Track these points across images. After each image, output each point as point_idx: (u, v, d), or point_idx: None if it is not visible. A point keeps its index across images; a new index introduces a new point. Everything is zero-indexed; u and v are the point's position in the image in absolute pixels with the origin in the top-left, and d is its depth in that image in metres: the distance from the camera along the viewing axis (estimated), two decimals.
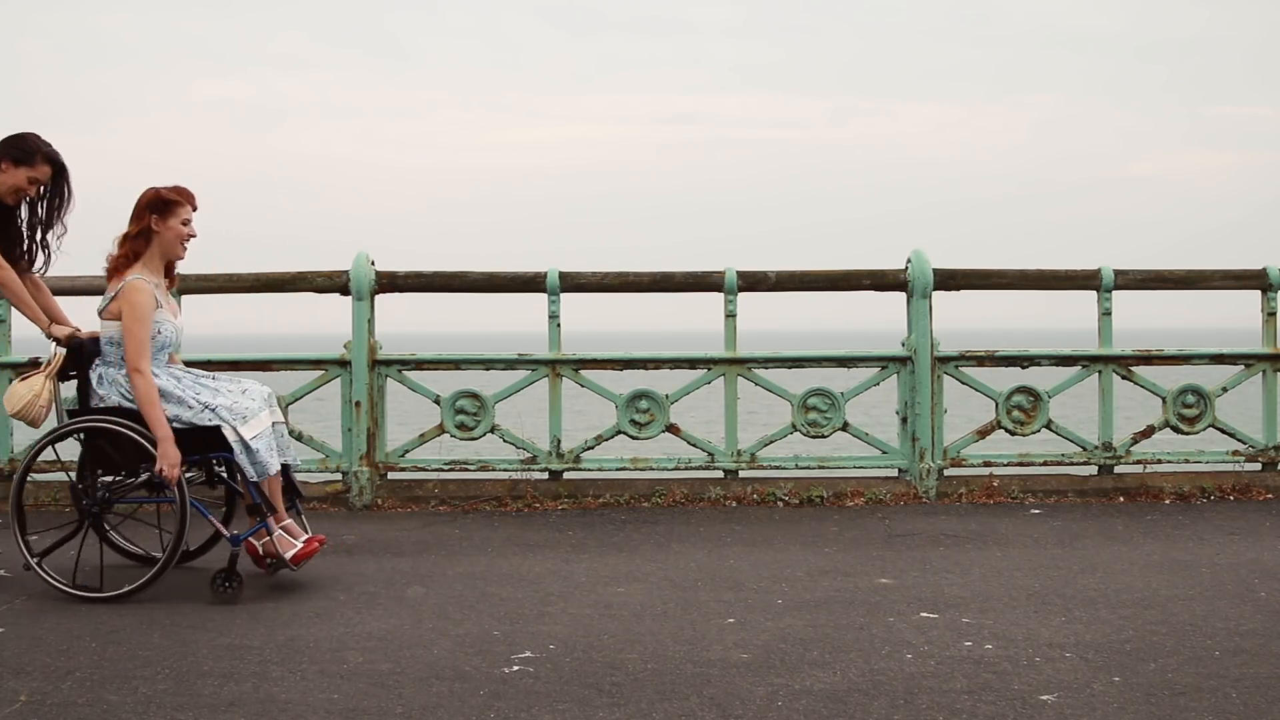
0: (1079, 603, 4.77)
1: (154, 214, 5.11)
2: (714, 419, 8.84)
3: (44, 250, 5.19)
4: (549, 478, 7.39)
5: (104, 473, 5.10)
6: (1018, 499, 7.22)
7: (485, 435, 7.33)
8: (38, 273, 5.26)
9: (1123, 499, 7.24)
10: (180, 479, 4.89)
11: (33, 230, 5.17)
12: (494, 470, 7.39)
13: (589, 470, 7.36)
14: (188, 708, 3.62)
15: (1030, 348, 7.58)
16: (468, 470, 7.38)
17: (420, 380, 7.38)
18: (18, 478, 5.14)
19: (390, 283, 7.39)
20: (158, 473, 4.86)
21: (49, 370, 5.09)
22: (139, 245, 5.10)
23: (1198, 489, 7.27)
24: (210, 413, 4.97)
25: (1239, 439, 7.46)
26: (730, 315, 7.36)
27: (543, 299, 7.41)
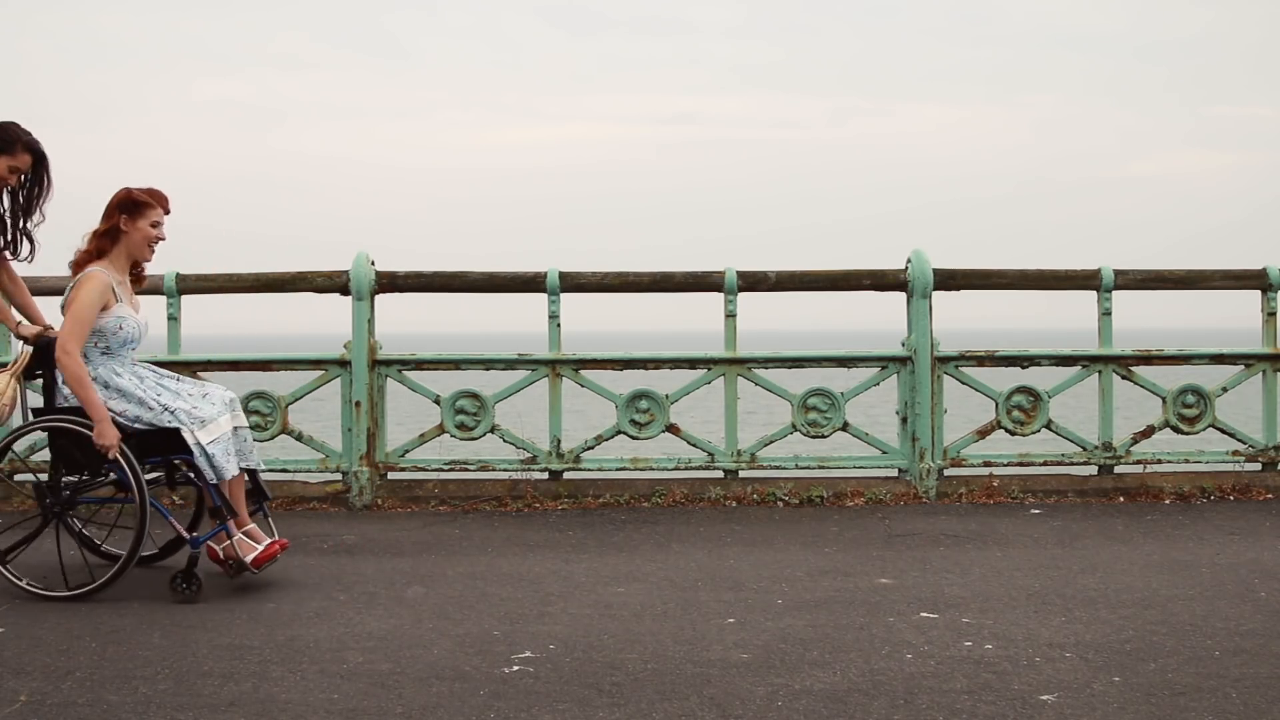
0: (1079, 603, 4.77)
1: (124, 214, 5.13)
2: (714, 419, 8.84)
3: (29, 240, 5.17)
4: (549, 478, 7.39)
5: (68, 472, 5.12)
6: (1018, 499, 7.22)
7: (485, 435, 7.33)
8: (25, 261, 5.23)
9: (1123, 499, 7.24)
10: (141, 481, 4.90)
11: (14, 219, 5.15)
12: (494, 470, 7.39)
13: (589, 470, 7.36)
14: (188, 708, 3.62)
15: (1030, 348, 7.58)
16: (468, 470, 7.38)
17: (420, 380, 7.38)
18: None
19: (390, 283, 7.39)
20: (99, 449, 4.87)
21: (14, 369, 5.09)
22: (105, 243, 5.13)
23: (1198, 489, 7.27)
24: (170, 415, 4.98)
25: (1239, 439, 7.46)
26: (730, 315, 7.36)
27: (543, 299, 7.42)
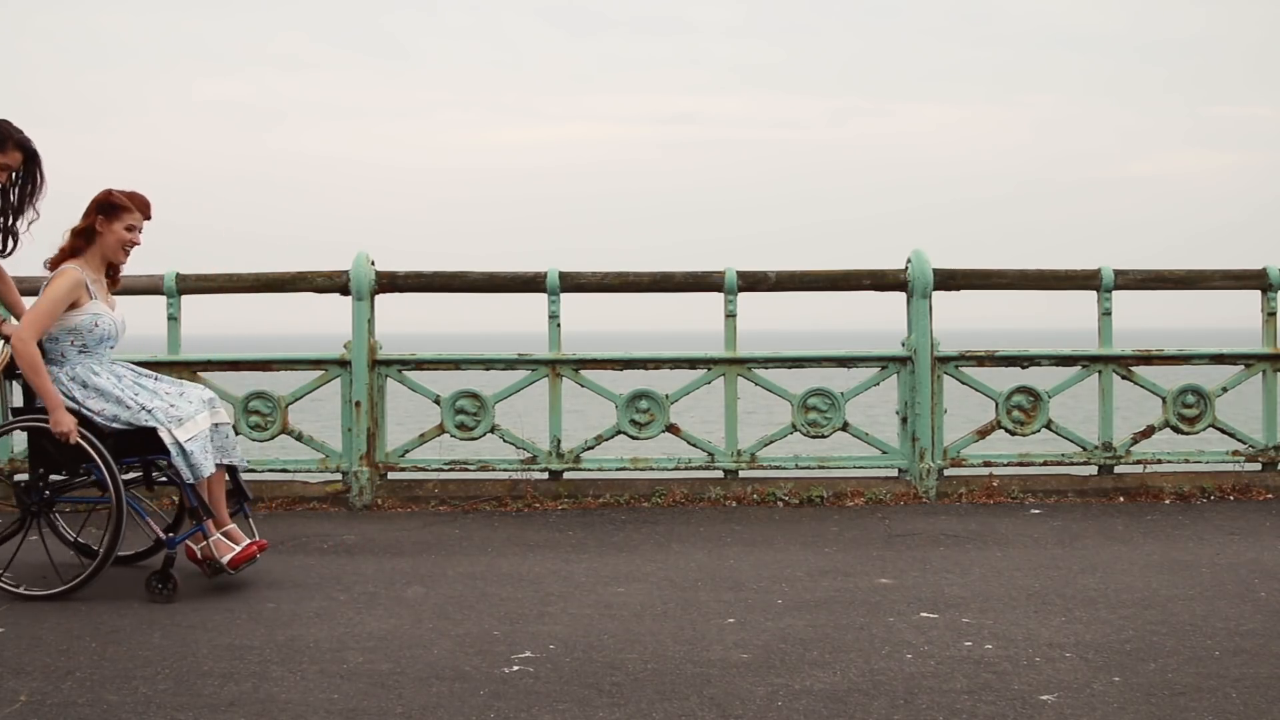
0: (1079, 603, 4.77)
1: (100, 215, 5.14)
2: (714, 419, 8.84)
3: (13, 237, 5.15)
4: (549, 478, 7.39)
5: (47, 471, 5.13)
6: (1018, 499, 7.22)
7: (485, 435, 7.33)
8: (5, 257, 5.21)
9: (1123, 499, 7.24)
10: (118, 480, 4.91)
11: (5, 216, 5.14)
12: (494, 470, 7.39)
13: (589, 470, 7.36)
14: (188, 708, 3.62)
15: (1030, 348, 7.57)
16: (468, 470, 7.38)
17: (420, 380, 7.38)
18: None
19: (390, 283, 7.39)
20: (57, 437, 4.88)
21: None
22: (79, 242, 5.15)
23: (1198, 489, 7.27)
24: (147, 414, 4.98)
25: (1239, 439, 7.46)
26: (730, 315, 7.36)
27: (543, 299, 7.41)
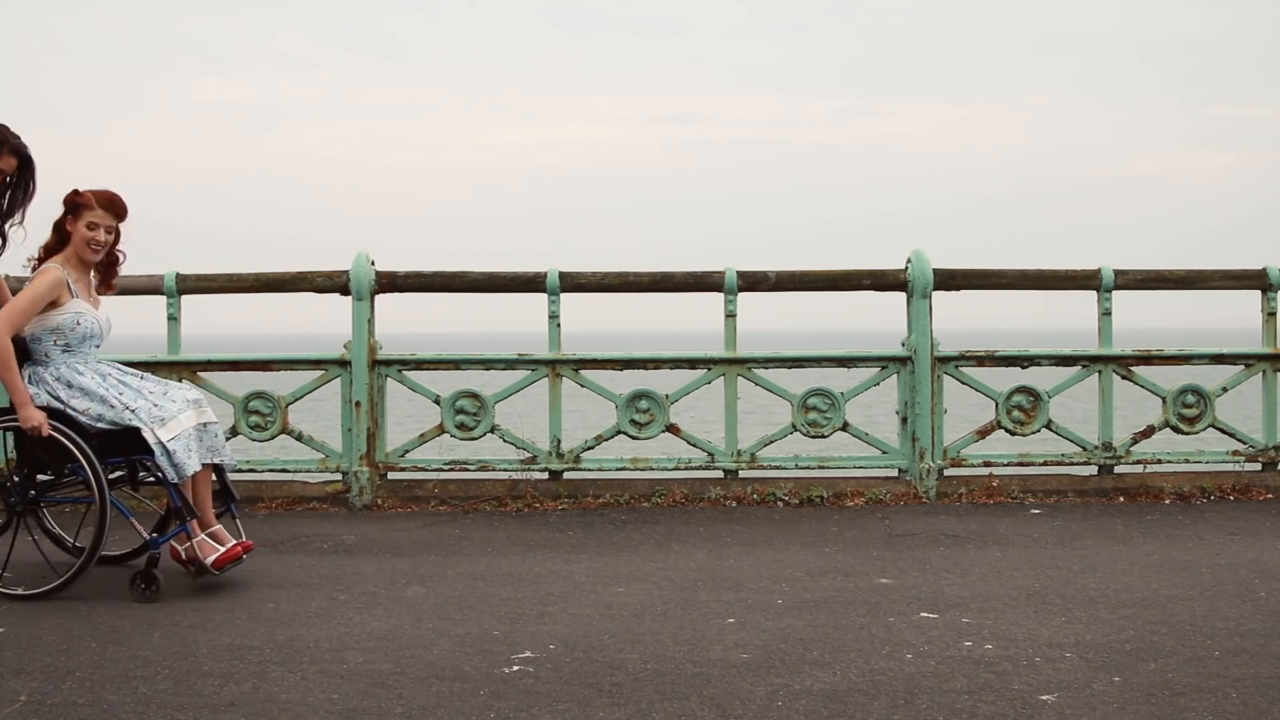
0: (1079, 603, 4.77)
1: (68, 214, 5.15)
2: (714, 419, 8.84)
3: (1, 239, 5.15)
4: (549, 478, 7.39)
5: (32, 471, 5.14)
6: (1018, 499, 7.22)
7: (485, 435, 7.33)
8: None
9: (1123, 499, 7.24)
10: (102, 480, 4.91)
11: None
12: (494, 470, 7.39)
13: (589, 470, 7.36)
14: (188, 708, 3.62)
15: (1030, 348, 7.57)
16: (468, 470, 7.38)
17: (420, 380, 7.38)
18: None
19: (390, 283, 7.39)
20: (28, 432, 4.90)
21: None
22: (52, 241, 5.17)
23: (1198, 489, 7.27)
24: (131, 413, 4.98)
25: (1239, 439, 7.46)
26: (730, 315, 7.36)
27: (543, 299, 7.41)
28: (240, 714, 3.57)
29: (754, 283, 7.43)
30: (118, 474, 5.25)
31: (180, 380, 6.80)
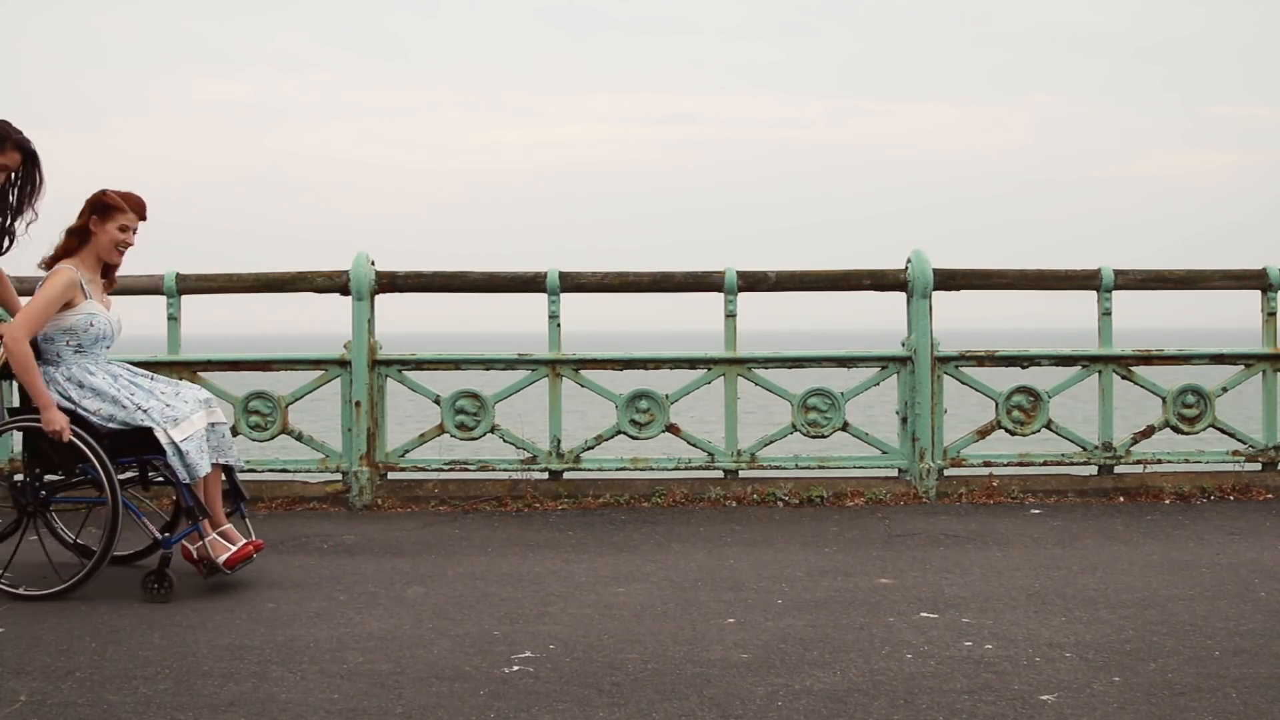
0: (1079, 603, 4.77)
1: (94, 215, 5.15)
2: (714, 419, 8.84)
3: (10, 237, 5.16)
4: (549, 478, 7.39)
5: (43, 471, 5.13)
6: (1018, 499, 7.22)
7: (485, 435, 7.33)
8: (3, 254, 5.21)
9: (1123, 499, 7.24)
10: (114, 480, 4.91)
11: (4, 216, 5.14)
12: (494, 470, 7.39)
13: (589, 470, 7.36)
14: (188, 708, 3.62)
15: (1030, 348, 7.57)
16: (468, 470, 7.38)
17: (420, 380, 7.38)
18: None
19: (390, 283, 7.39)
20: (50, 435, 4.89)
21: None
22: (72, 242, 5.16)
23: (1198, 489, 7.27)
24: (143, 414, 4.98)
25: (1239, 439, 7.46)
26: (730, 315, 7.36)
27: (543, 299, 7.41)
28: (240, 714, 3.57)
29: (754, 283, 7.43)
30: (129, 474, 5.24)
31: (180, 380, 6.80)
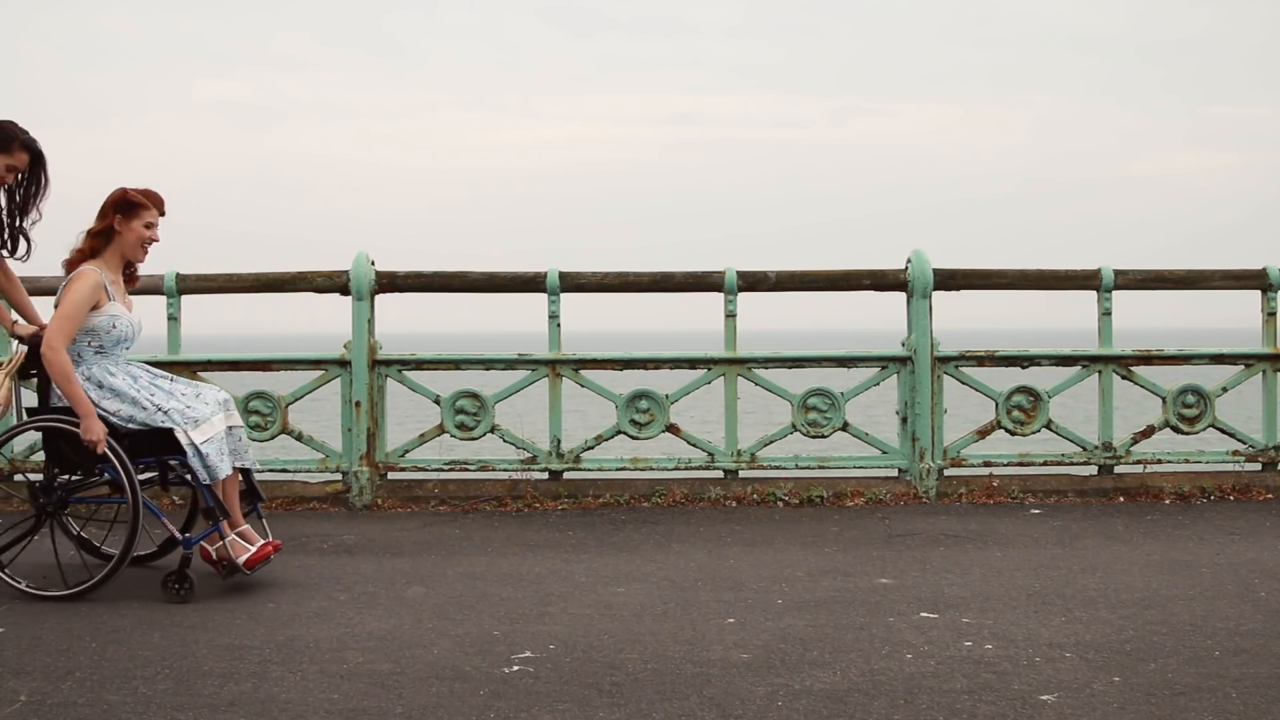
0: (1079, 603, 4.77)
1: (118, 214, 5.14)
2: (714, 419, 8.84)
3: (24, 239, 5.17)
4: (549, 478, 7.39)
5: (61, 472, 5.12)
6: (1018, 499, 7.22)
7: (485, 435, 7.33)
8: (20, 259, 5.23)
9: (1123, 499, 7.24)
10: (134, 481, 4.90)
11: (11, 218, 5.15)
12: (494, 470, 7.39)
13: (589, 470, 7.36)
14: (188, 708, 3.62)
15: (1030, 348, 7.57)
16: (468, 470, 7.38)
17: (420, 380, 7.38)
18: None
19: (390, 283, 7.39)
20: (86, 445, 4.88)
21: (9, 368, 5.10)
22: (98, 242, 5.15)
23: (1198, 489, 7.27)
24: (163, 415, 4.98)
25: (1239, 439, 7.46)
26: (730, 315, 7.36)
27: (543, 299, 7.42)
28: (240, 714, 3.57)
29: (754, 283, 7.43)
30: (148, 475, 5.23)
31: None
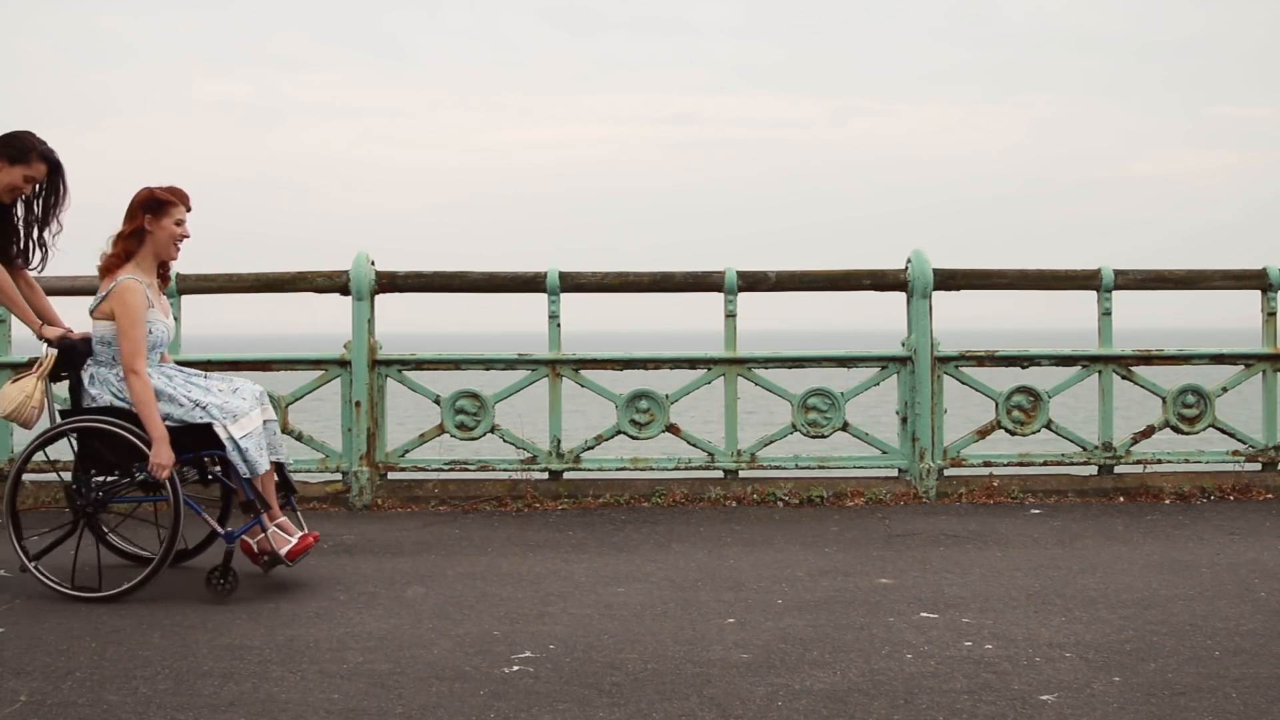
0: (1079, 603, 4.77)
1: (148, 213, 5.13)
2: (714, 419, 8.84)
3: (41, 248, 5.20)
4: (549, 478, 7.39)
5: (97, 473, 5.11)
6: (1018, 499, 7.22)
7: (485, 435, 7.33)
8: (35, 270, 5.26)
9: (1123, 499, 7.24)
10: (173, 477, 4.91)
11: (29, 228, 5.18)
12: (494, 470, 7.39)
13: (589, 470, 7.36)
14: (188, 708, 3.62)
15: (1030, 348, 7.57)
16: (468, 470, 7.38)
17: (420, 380, 7.38)
18: (11, 479, 5.16)
19: (390, 283, 7.39)
20: (149, 471, 4.88)
21: (40, 371, 5.11)
22: (131, 244, 5.13)
23: (1198, 489, 7.27)
24: (202, 410, 4.98)
25: (1239, 439, 7.45)
26: (730, 315, 7.36)
27: (543, 299, 7.41)
28: (240, 714, 3.57)
29: (754, 283, 7.43)
30: (185, 471, 5.19)
31: None
